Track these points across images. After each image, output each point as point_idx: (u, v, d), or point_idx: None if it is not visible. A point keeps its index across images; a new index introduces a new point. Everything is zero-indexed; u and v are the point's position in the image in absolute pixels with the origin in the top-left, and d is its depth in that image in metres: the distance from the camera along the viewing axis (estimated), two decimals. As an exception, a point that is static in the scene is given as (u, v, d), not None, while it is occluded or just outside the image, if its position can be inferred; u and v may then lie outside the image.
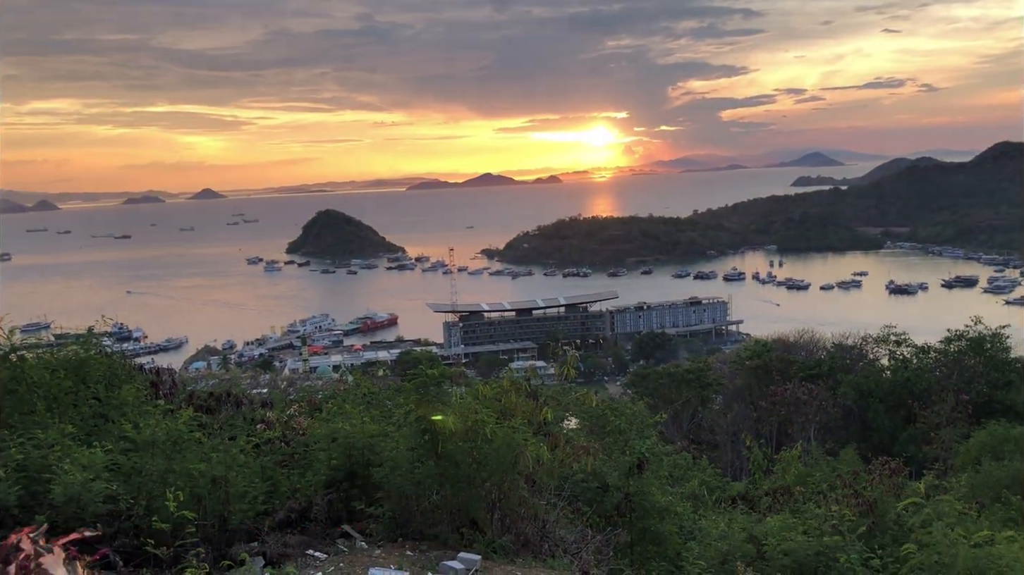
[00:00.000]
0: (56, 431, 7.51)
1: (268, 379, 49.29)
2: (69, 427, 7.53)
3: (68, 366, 8.96)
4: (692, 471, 18.97)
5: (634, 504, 9.88)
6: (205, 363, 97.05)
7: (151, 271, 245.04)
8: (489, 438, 6.89)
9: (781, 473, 18.59)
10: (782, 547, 10.07)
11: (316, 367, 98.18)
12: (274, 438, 9.09)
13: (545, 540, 7.52)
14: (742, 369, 40.97)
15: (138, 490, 6.88)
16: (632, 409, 12.33)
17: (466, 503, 7.14)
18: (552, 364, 46.08)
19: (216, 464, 7.06)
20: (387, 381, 17.96)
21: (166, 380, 14.68)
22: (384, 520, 7.27)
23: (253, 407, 13.41)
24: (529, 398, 7.83)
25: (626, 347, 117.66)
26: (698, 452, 27.28)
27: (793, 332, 53.57)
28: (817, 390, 32.93)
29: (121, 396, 8.90)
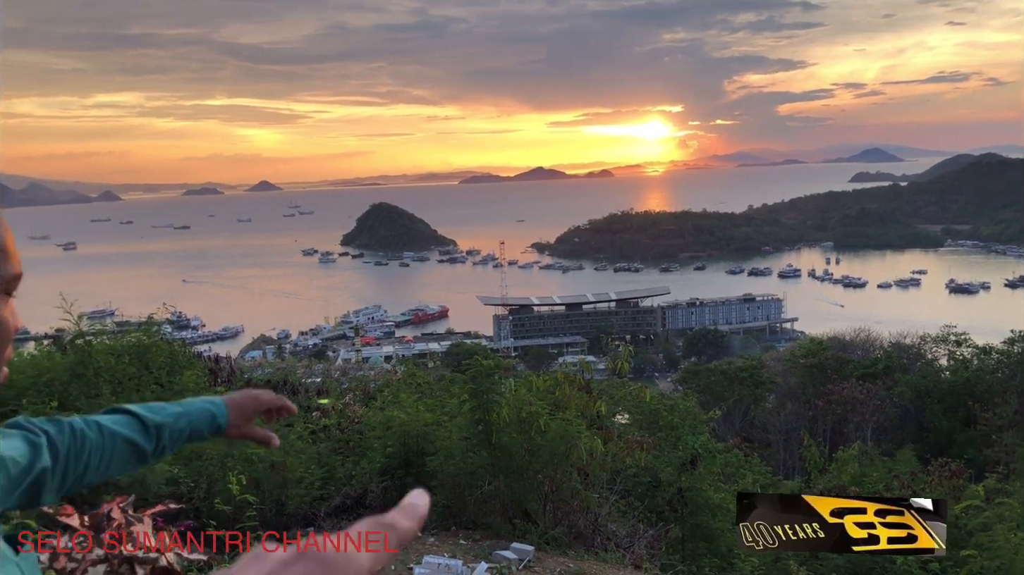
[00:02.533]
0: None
1: (322, 368, 49.91)
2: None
3: (132, 352, 9.20)
4: (744, 469, 18.79)
5: (686, 500, 9.83)
6: (261, 352, 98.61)
7: (209, 261, 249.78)
8: (543, 429, 6.92)
9: (837, 472, 18.31)
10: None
11: (368, 357, 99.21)
12: (330, 425, 9.26)
13: (597, 533, 7.53)
14: (796, 367, 40.43)
15: (199, 473, 7.06)
16: (685, 405, 12.24)
17: (519, 494, 7.18)
18: (602, 359, 45.91)
19: (274, 450, 7.21)
20: (438, 372, 18.10)
21: (224, 367, 15.01)
22: (438, 508, 7.36)
23: (309, 395, 13.64)
24: (582, 391, 7.84)
25: (677, 343, 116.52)
26: (750, 450, 27.02)
27: (849, 331, 52.72)
28: (874, 389, 32.38)
29: (182, 382, 9.12)
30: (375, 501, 7.56)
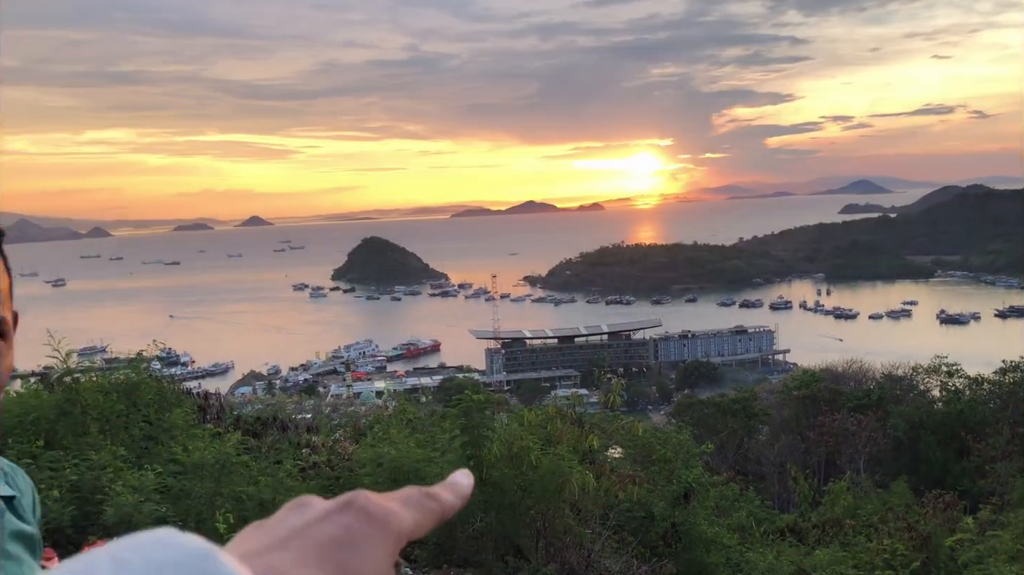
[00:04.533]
0: (109, 453, 7.66)
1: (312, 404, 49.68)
2: (121, 450, 7.68)
3: (120, 389, 9.14)
4: (739, 502, 18.67)
5: (680, 534, 9.75)
6: (251, 388, 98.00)
7: (199, 296, 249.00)
8: (535, 465, 6.87)
9: (830, 505, 18.22)
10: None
11: (360, 392, 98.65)
12: (320, 462, 9.17)
13: (590, 569, 7.45)
14: (789, 399, 40.32)
15: (187, 512, 6.98)
16: (677, 438, 12.19)
17: (511, 530, 7.11)
18: (595, 392, 45.82)
19: (264, 487, 7.14)
20: (430, 407, 18.00)
21: (213, 404, 14.90)
22: (428, 546, 7.28)
23: (298, 431, 13.54)
24: (574, 425, 7.79)
25: (670, 376, 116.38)
26: (744, 483, 26.87)
27: (841, 362, 52.60)
28: (866, 421, 32.31)
29: (171, 419, 9.05)
30: (365, 539, 7.48)
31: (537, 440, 7.20)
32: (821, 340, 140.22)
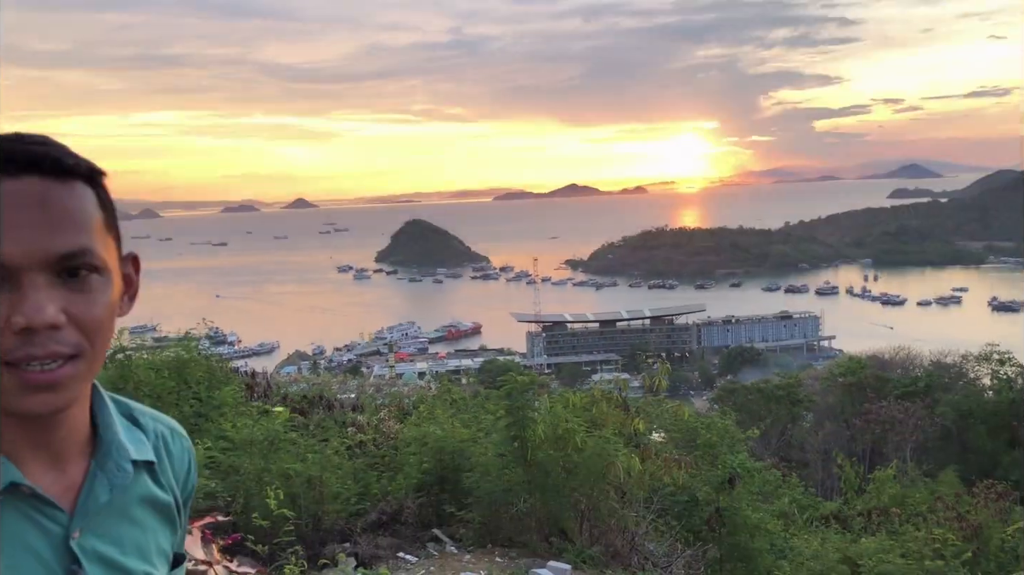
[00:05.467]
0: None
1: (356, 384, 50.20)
2: (174, 425, 7.81)
3: (171, 366, 9.29)
4: (782, 489, 18.49)
5: (724, 519, 9.69)
6: (296, 367, 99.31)
7: (246, 277, 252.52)
8: (580, 447, 6.87)
9: (875, 493, 17.95)
10: (879, 570, 9.74)
11: (402, 373, 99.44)
12: (366, 441, 9.27)
13: (634, 552, 7.44)
14: (834, 386, 39.83)
15: (236, 488, 7.09)
16: (723, 424, 12.10)
17: (555, 512, 7.12)
18: (636, 376, 45.66)
19: (311, 464, 7.23)
20: (474, 388, 18.09)
21: (261, 383, 15.12)
22: (474, 525, 7.32)
23: (344, 410, 13.68)
24: (620, 409, 7.77)
25: (713, 361, 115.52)
26: (787, 470, 26.62)
27: (888, 349, 51.84)
28: (914, 409, 31.79)
29: (220, 397, 9.18)
30: (411, 517, 7.55)
31: (582, 423, 7.19)
32: (868, 327, 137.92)
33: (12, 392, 1.05)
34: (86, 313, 1.08)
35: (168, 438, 1.36)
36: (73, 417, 1.17)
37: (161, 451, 1.33)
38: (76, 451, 1.19)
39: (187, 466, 1.39)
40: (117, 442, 1.23)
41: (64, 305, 1.05)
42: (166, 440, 1.35)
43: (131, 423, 1.30)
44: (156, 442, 1.32)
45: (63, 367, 1.06)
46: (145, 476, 1.27)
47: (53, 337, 1.04)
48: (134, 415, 1.33)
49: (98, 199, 1.14)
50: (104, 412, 1.24)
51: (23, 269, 1.03)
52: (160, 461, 1.31)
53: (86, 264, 1.08)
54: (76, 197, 1.10)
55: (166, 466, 1.33)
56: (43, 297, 1.03)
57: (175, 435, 1.38)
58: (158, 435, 1.34)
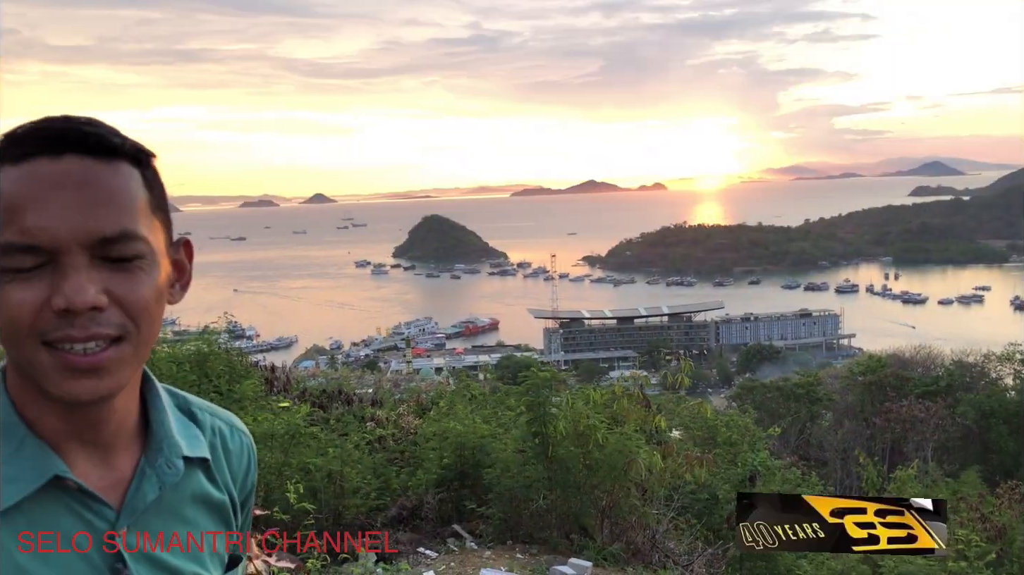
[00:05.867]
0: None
1: (373, 379, 50.38)
2: (195, 418, 7.83)
3: (192, 360, 9.33)
4: (801, 487, 18.37)
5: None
6: (314, 362, 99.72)
7: (264, 272, 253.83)
8: (601, 443, 6.83)
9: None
10: (900, 570, 9.65)
11: (419, 369, 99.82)
12: (386, 435, 9.27)
13: (655, 550, 7.40)
14: (854, 384, 39.58)
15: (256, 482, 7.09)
16: (743, 422, 12.03)
17: (576, 508, 7.09)
18: (654, 373, 45.51)
19: (332, 459, 7.23)
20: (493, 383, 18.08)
21: (280, 377, 15.17)
22: (494, 521, 7.30)
23: (363, 405, 13.70)
24: (642, 405, 7.73)
25: (731, 359, 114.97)
26: (806, 469, 26.47)
27: (909, 348, 51.39)
28: (934, 408, 31.53)
29: (241, 390, 9.21)
30: (431, 512, 7.54)
31: (603, 419, 7.15)
32: (888, 325, 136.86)
33: (53, 375, 0.99)
34: (130, 294, 1.02)
35: (227, 434, 1.30)
36: (122, 407, 1.12)
37: (217, 448, 1.27)
38: (125, 444, 1.13)
39: (246, 464, 1.32)
40: (169, 437, 1.17)
41: (107, 286, 1.00)
42: (224, 436, 1.29)
43: (187, 417, 1.25)
44: (213, 438, 1.26)
45: (106, 350, 1.00)
46: (199, 474, 1.21)
47: (95, 319, 0.99)
48: (191, 409, 1.26)
49: (144, 180, 1.07)
50: (156, 404, 1.18)
51: (63, 249, 0.98)
52: (216, 459, 1.25)
53: (129, 247, 1.02)
54: (120, 177, 1.04)
55: (222, 464, 1.27)
56: (84, 278, 0.98)
57: (234, 431, 1.32)
58: (215, 431, 1.28)
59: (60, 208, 0.98)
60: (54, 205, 0.98)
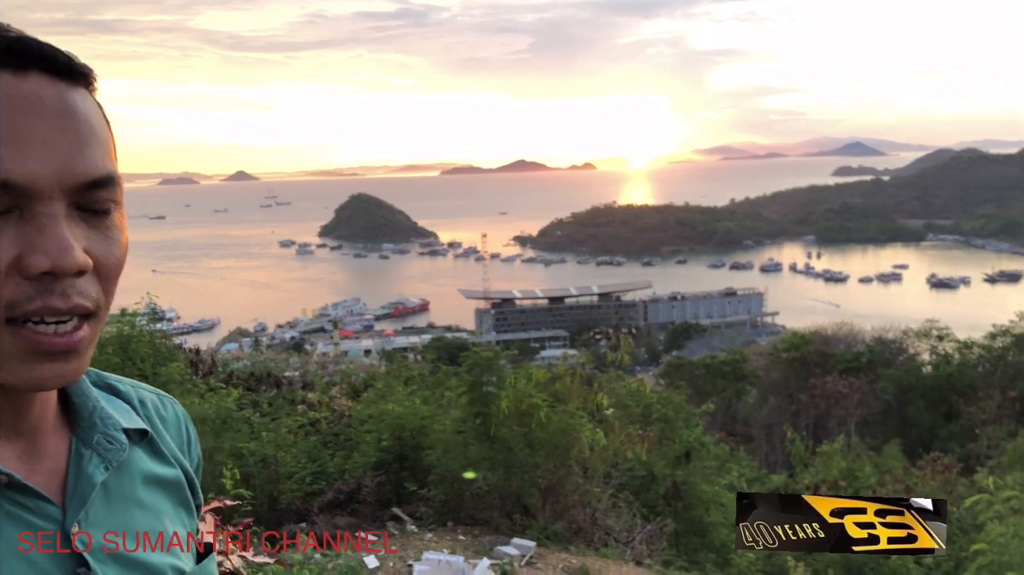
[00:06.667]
0: (107, 404, 7.48)
1: (299, 362, 49.63)
2: (120, 402, 7.51)
3: (115, 343, 8.96)
4: (730, 463, 18.73)
5: (682, 494, 9.70)
6: (237, 344, 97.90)
7: (184, 251, 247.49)
8: (543, 422, 6.75)
9: (823, 467, 18.28)
10: (831, 542, 9.82)
11: (347, 351, 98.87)
12: (319, 419, 9.04)
13: (596, 528, 7.37)
14: (779, 361, 40.55)
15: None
16: (677, 399, 12.14)
17: (518, 488, 7.01)
18: (583, 352, 45.73)
19: (266, 443, 7.00)
20: (427, 366, 17.89)
21: (205, 360, 14.74)
22: (435, 503, 7.17)
23: (293, 388, 13.40)
24: (584, 384, 7.68)
25: (659, 337, 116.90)
26: (734, 444, 27.04)
27: (831, 325, 52.86)
28: (857, 384, 32.51)
29: (166, 374, 8.90)
30: (369, 495, 7.37)
31: (544, 398, 7.08)
32: (811, 303, 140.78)
33: (15, 360, 0.78)
34: (109, 256, 0.84)
35: (158, 404, 1.08)
36: None
37: (154, 419, 1.05)
38: (49, 428, 0.91)
39: (186, 434, 1.12)
40: (100, 410, 0.95)
41: (86, 245, 0.81)
42: (156, 406, 1.08)
43: (108, 392, 1.02)
44: (144, 410, 1.05)
45: (80, 328, 0.81)
46: (140, 451, 0.99)
47: (76, 286, 0.79)
48: (109, 382, 1.04)
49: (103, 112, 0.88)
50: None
51: (42, 194, 0.77)
52: (156, 430, 1.04)
53: (111, 194, 0.84)
54: (92, 107, 0.84)
55: (164, 434, 1.05)
56: (67, 233, 0.78)
57: (164, 400, 1.10)
58: (144, 402, 1.06)
59: (40, 141, 0.77)
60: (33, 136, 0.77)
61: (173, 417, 1.09)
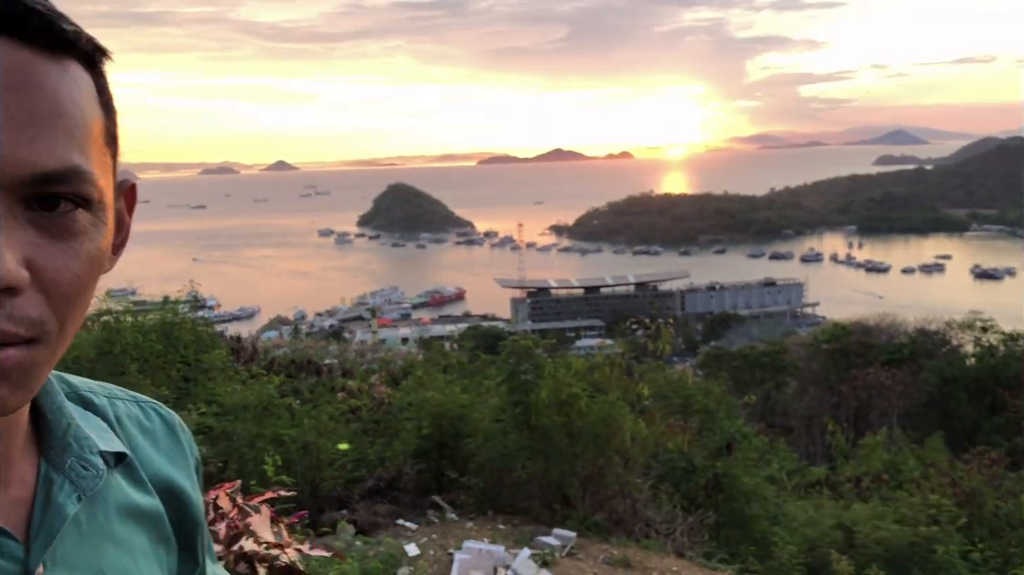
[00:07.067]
0: (150, 392, 7.59)
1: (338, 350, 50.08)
2: (163, 389, 7.61)
3: (158, 330, 9.07)
4: (770, 455, 18.54)
5: (722, 485, 9.61)
6: (277, 332, 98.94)
7: (225, 240, 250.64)
8: (584, 412, 6.72)
9: (865, 459, 18.04)
10: (874, 536, 9.73)
11: (384, 339, 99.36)
12: (360, 406, 9.09)
13: (636, 519, 7.33)
14: (818, 352, 40.07)
15: (227, 453, 6.90)
16: (718, 390, 12.04)
17: (557, 478, 6.99)
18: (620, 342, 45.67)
19: (307, 430, 7.04)
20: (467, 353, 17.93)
21: (246, 347, 14.90)
22: (474, 492, 7.17)
23: (332, 375, 13.49)
24: (623, 374, 7.62)
25: (697, 327, 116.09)
26: (773, 436, 26.80)
27: (873, 316, 52.08)
28: (900, 375, 32.02)
29: (208, 360, 8.99)
30: (409, 483, 7.39)
31: (584, 387, 7.04)
32: (852, 293, 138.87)
33: None
34: (62, 270, 0.66)
35: (139, 416, 0.92)
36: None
37: (134, 435, 0.89)
38: (15, 451, 0.75)
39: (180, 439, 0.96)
40: (75, 430, 0.79)
41: (30, 254, 0.63)
42: (137, 419, 0.91)
43: (82, 406, 0.86)
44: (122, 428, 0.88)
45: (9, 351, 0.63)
46: (119, 477, 0.83)
47: (6, 306, 0.62)
48: (82, 395, 0.87)
49: (98, 93, 0.71)
50: (48, 388, 0.79)
51: None
52: (136, 449, 0.88)
53: (73, 193, 0.66)
54: (70, 83, 0.67)
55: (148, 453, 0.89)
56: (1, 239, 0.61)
57: (147, 408, 0.94)
58: (121, 418, 0.89)
59: None
60: None
61: (161, 426, 0.94)
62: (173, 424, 0.96)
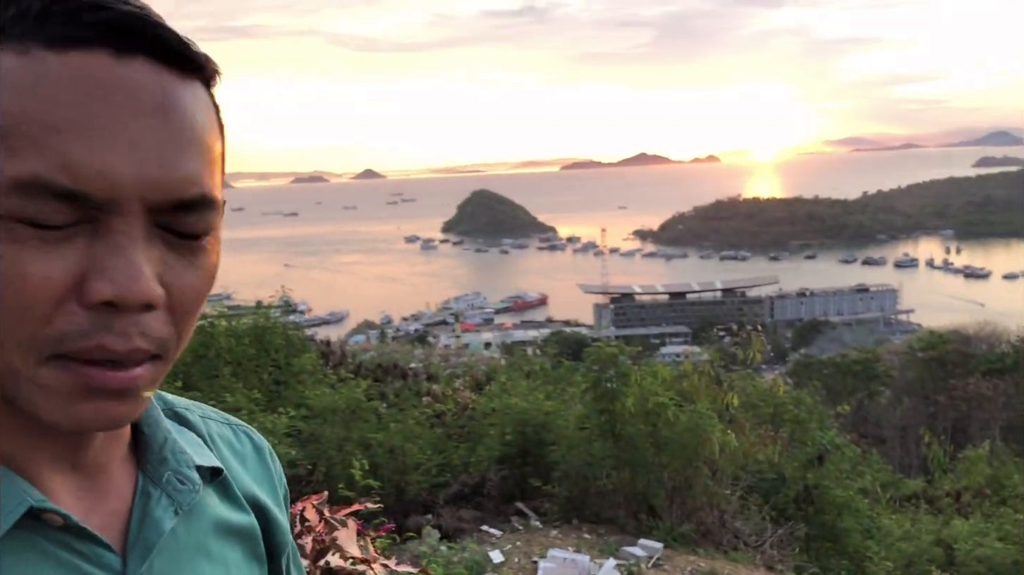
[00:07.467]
0: (243, 395, 7.81)
1: (422, 354, 50.71)
2: (256, 392, 7.80)
3: (251, 334, 9.30)
4: (862, 466, 17.93)
5: (813, 497, 9.34)
6: (364, 336, 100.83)
7: (315, 247, 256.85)
8: (671, 421, 6.61)
9: (965, 473, 17.30)
10: (976, 553, 9.32)
11: (468, 344, 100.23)
12: (445, 410, 9.16)
13: (724, 531, 7.17)
14: (914, 361, 38.66)
15: (315, 456, 7.03)
16: (811, 399, 11.72)
17: (644, 488, 6.90)
18: (706, 349, 44.88)
19: (394, 434, 7.12)
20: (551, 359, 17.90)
21: (335, 351, 15.19)
22: (559, 500, 7.14)
23: (418, 379, 13.64)
24: (712, 383, 7.48)
25: (786, 335, 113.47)
26: (866, 446, 25.96)
27: (972, 323, 50.01)
28: (1002, 386, 30.66)
29: (299, 364, 9.17)
30: (493, 490, 7.40)
31: (672, 396, 6.93)
32: (949, 300, 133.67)
33: (56, 398, 0.62)
34: (186, 288, 0.66)
35: (231, 438, 0.91)
36: None
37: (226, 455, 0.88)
38: (115, 462, 0.76)
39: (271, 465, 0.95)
40: (172, 443, 0.79)
41: (159, 271, 0.64)
42: (229, 441, 0.91)
43: (177, 422, 0.85)
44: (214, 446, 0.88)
45: (140, 366, 0.64)
46: (213, 493, 0.83)
47: (140, 323, 0.63)
48: (176, 411, 0.87)
49: (217, 115, 0.71)
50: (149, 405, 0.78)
51: (121, 208, 0.61)
52: (229, 468, 0.86)
53: (202, 219, 0.66)
54: (202, 108, 0.67)
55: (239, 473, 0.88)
56: (141, 257, 0.62)
57: (238, 431, 0.93)
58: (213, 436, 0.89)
59: (128, 144, 0.60)
60: (119, 137, 0.60)
61: (251, 450, 0.93)
62: (263, 450, 0.95)
